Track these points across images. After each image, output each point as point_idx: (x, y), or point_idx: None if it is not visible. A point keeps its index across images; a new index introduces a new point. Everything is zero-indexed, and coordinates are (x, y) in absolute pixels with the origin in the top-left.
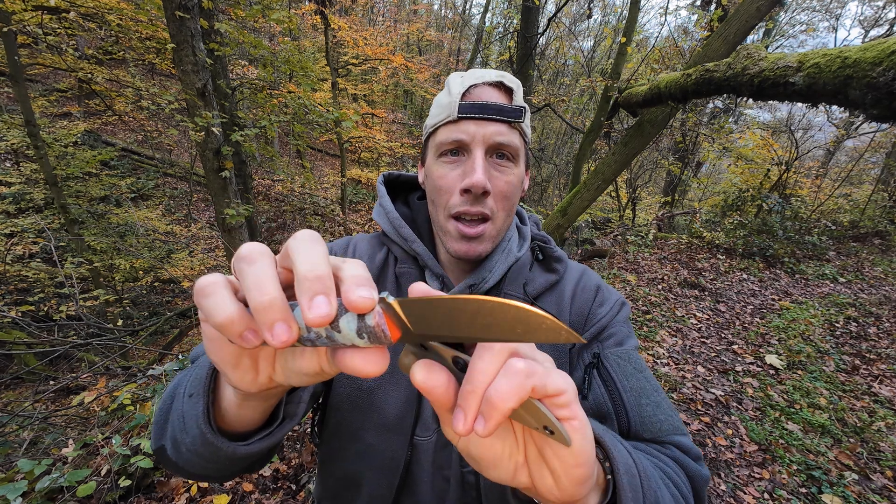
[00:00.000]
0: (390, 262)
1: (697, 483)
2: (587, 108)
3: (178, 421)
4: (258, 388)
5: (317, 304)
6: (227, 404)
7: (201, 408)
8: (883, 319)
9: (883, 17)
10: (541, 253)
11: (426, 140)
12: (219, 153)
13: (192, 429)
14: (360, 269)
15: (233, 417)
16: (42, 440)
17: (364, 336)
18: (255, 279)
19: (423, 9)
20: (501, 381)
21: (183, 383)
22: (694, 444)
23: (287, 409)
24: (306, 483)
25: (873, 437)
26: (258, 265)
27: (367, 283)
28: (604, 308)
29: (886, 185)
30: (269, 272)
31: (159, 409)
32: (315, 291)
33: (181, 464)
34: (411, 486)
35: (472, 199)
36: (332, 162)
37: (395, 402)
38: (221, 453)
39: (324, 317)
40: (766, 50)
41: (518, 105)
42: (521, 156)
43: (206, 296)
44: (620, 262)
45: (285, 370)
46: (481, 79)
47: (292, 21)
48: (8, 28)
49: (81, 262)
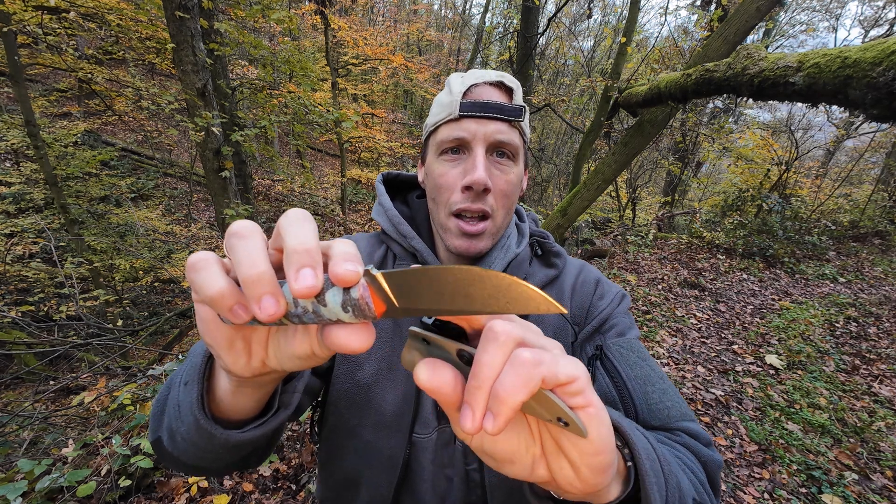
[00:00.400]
0: (389, 260)
1: (711, 468)
2: (587, 108)
3: (173, 410)
4: (252, 373)
5: (303, 275)
6: (222, 392)
7: (195, 394)
8: (883, 319)
9: (883, 17)
10: (539, 248)
11: (426, 139)
12: (219, 153)
13: (188, 416)
14: (349, 247)
15: (228, 405)
16: (42, 440)
17: (349, 309)
18: (246, 254)
19: (423, 9)
20: (509, 374)
21: (179, 373)
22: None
23: (282, 399)
24: (306, 483)
25: (873, 437)
26: (248, 241)
27: (353, 258)
28: (604, 300)
29: (886, 185)
30: (259, 247)
31: (156, 401)
32: (302, 264)
33: (177, 454)
34: (411, 484)
35: (473, 196)
36: (332, 162)
37: (393, 399)
38: (216, 441)
39: (309, 288)
40: (766, 50)
41: (518, 104)
42: (521, 155)
43: (198, 271)
44: (620, 262)
45: (278, 353)
46: (482, 78)
47: (292, 21)
48: (8, 28)
49: (81, 262)
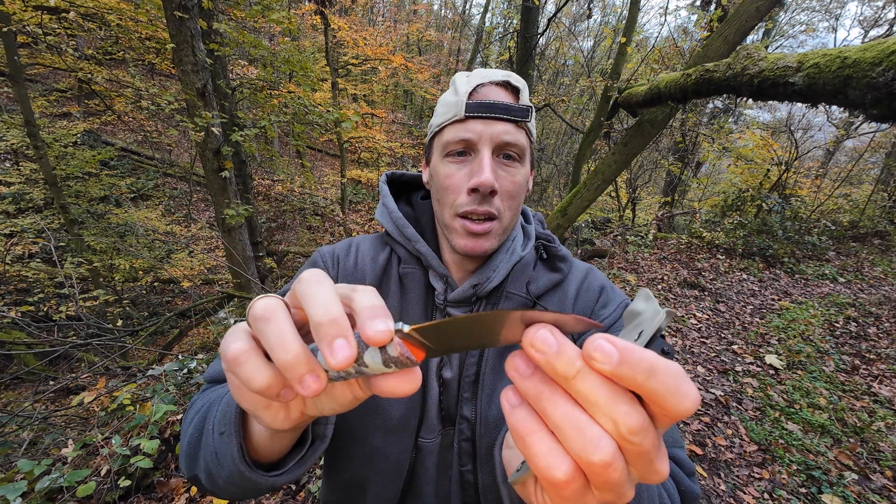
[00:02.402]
0: (393, 263)
1: (687, 498)
2: (587, 108)
3: (211, 456)
4: (291, 425)
5: (337, 348)
6: (259, 439)
7: (235, 448)
8: (883, 319)
9: (882, 18)
10: (545, 252)
11: (431, 139)
12: (219, 153)
13: (228, 465)
14: (372, 298)
15: (265, 448)
16: (42, 440)
17: (391, 366)
18: (276, 338)
19: (423, 9)
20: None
21: (210, 416)
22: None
23: (315, 431)
24: (306, 483)
25: (873, 437)
26: (275, 323)
27: (381, 313)
28: (607, 309)
29: (886, 185)
30: (287, 327)
31: (188, 441)
32: (333, 336)
33: (218, 492)
34: (416, 488)
35: (480, 198)
36: (332, 162)
37: (399, 403)
38: (260, 486)
39: (346, 359)
40: (765, 50)
41: (525, 104)
42: (527, 155)
43: (239, 364)
44: (620, 262)
45: (318, 404)
46: (488, 78)
47: (292, 21)
48: (8, 28)
49: (81, 263)
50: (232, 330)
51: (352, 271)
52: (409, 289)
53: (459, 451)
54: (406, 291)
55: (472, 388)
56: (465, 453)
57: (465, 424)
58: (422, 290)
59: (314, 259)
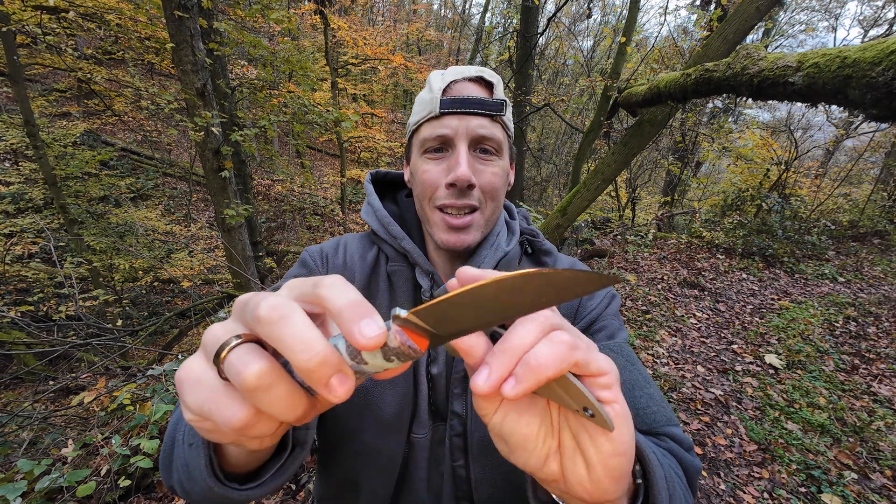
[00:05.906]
0: (381, 261)
1: (691, 474)
2: (587, 107)
3: (182, 469)
4: (276, 440)
5: (366, 326)
6: (232, 449)
7: (203, 461)
8: (882, 319)
9: (882, 17)
10: (529, 247)
11: (410, 138)
12: (218, 153)
13: (199, 481)
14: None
15: (240, 459)
16: (42, 440)
17: (393, 359)
18: (299, 340)
19: (423, 9)
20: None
21: (182, 423)
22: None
23: (296, 436)
24: (306, 483)
25: (872, 437)
26: (293, 322)
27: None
28: (594, 301)
29: (886, 184)
30: (309, 325)
31: (163, 451)
32: (360, 315)
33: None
34: (409, 483)
35: (458, 192)
36: (331, 162)
37: (392, 399)
38: (234, 500)
39: (378, 336)
40: (765, 50)
41: (499, 98)
42: (505, 149)
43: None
44: (620, 261)
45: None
46: (461, 74)
47: (291, 21)
48: (7, 28)
49: (81, 262)
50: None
51: (341, 269)
52: (397, 287)
53: (451, 446)
54: (395, 289)
55: (462, 384)
56: (457, 448)
57: (456, 420)
58: (410, 288)
59: (303, 258)
